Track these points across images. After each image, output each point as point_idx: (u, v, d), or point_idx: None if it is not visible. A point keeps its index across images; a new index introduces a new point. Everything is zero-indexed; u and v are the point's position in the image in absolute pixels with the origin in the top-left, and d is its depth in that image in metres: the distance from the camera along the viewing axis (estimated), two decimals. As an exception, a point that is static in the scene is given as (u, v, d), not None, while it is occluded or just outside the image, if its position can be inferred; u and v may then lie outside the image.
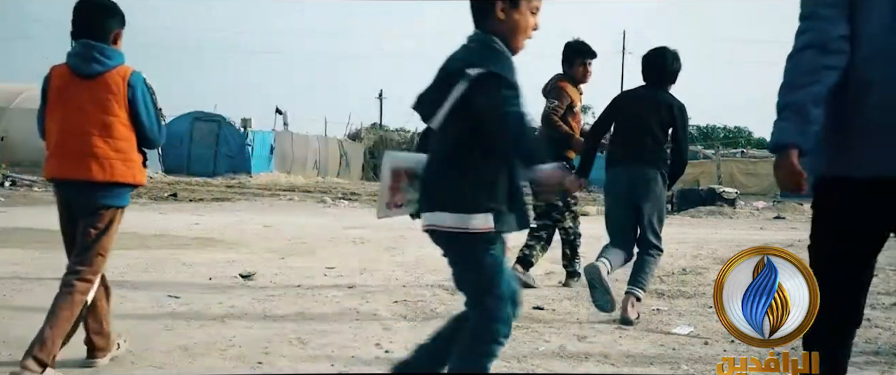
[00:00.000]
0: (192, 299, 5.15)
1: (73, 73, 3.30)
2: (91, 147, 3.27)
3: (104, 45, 3.30)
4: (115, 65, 3.31)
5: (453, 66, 2.60)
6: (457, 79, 2.55)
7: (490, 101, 2.50)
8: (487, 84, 2.52)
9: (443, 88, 2.59)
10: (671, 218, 15.86)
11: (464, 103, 2.55)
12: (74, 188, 3.38)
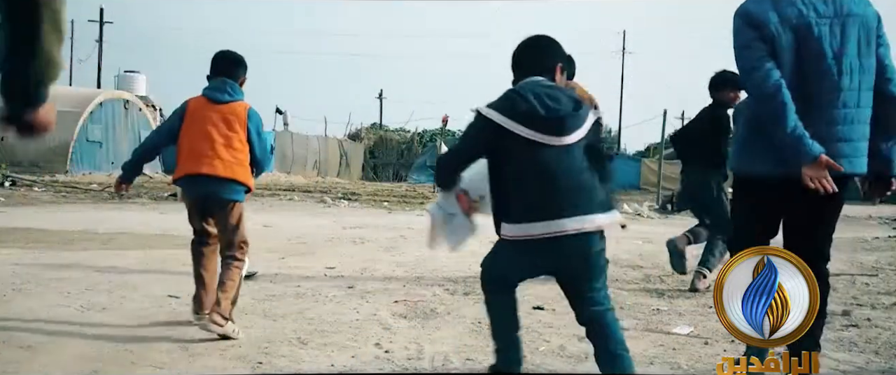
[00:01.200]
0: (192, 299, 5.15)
1: (208, 101, 4.33)
2: (217, 152, 4.24)
3: (234, 83, 4.40)
4: (238, 99, 4.38)
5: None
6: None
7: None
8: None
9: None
10: (671, 218, 15.85)
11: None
12: (203, 183, 4.25)
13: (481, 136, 3.01)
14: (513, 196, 2.97)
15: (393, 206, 17.26)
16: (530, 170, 2.93)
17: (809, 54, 3.07)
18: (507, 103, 2.99)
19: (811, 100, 3.06)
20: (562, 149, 2.94)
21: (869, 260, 8.18)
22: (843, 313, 5.08)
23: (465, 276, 6.53)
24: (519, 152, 2.94)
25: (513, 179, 2.96)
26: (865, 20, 3.12)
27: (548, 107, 2.95)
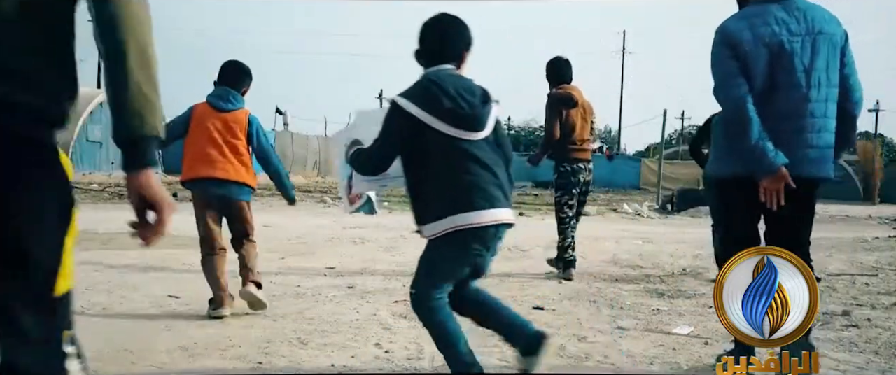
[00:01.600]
0: (192, 299, 5.15)
1: (211, 108, 4.78)
2: (227, 157, 4.72)
3: (236, 92, 4.86)
4: (239, 107, 4.83)
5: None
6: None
7: None
8: None
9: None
10: (671, 218, 15.85)
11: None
12: (217, 186, 4.71)
13: (403, 131, 2.98)
14: (438, 191, 2.98)
15: (393, 206, 17.27)
16: (455, 165, 2.96)
17: (781, 69, 3.34)
18: (428, 95, 2.98)
19: (782, 110, 3.35)
20: (477, 143, 3.00)
21: (869, 260, 8.18)
22: (843, 313, 5.08)
23: (465, 276, 6.54)
24: (439, 147, 2.95)
25: (436, 174, 2.98)
26: (833, 39, 3.41)
27: (468, 101, 2.99)
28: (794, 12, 3.41)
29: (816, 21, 3.41)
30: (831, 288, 6.13)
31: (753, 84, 3.35)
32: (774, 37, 3.36)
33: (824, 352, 4.01)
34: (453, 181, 2.97)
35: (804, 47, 3.37)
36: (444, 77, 3.03)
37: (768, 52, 3.35)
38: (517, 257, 8.18)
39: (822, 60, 3.37)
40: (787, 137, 3.34)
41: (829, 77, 3.40)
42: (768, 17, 3.39)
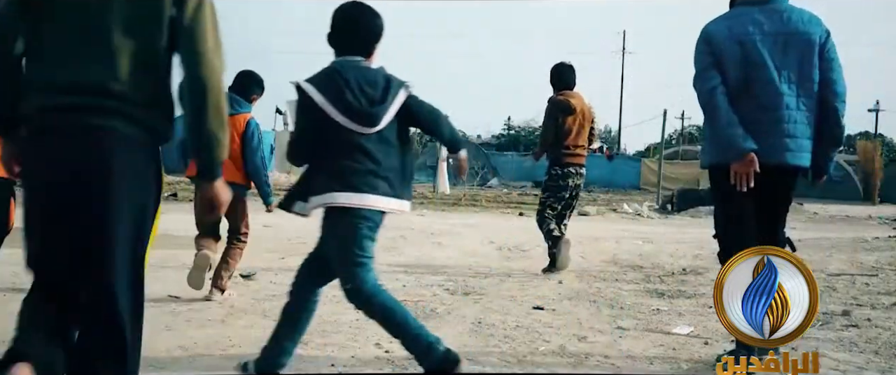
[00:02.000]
0: (192, 299, 5.15)
1: None
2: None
3: (242, 99, 5.31)
4: (241, 112, 5.24)
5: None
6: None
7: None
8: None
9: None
10: (671, 218, 15.85)
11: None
12: None
13: (308, 113, 3.16)
14: (323, 171, 3.20)
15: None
16: (343, 152, 3.15)
17: (755, 65, 3.65)
18: (330, 84, 3.15)
19: (759, 102, 3.65)
20: (369, 137, 3.17)
21: (869, 260, 8.18)
22: (843, 313, 5.08)
23: (466, 276, 6.53)
24: (332, 134, 3.15)
25: (324, 156, 3.18)
26: (810, 38, 3.67)
27: (367, 96, 3.17)
28: (772, 14, 3.69)
29: (793, 22, 3.68)
30: (831, 288, 6.13)
31: (728, 77, 3.67)
32: (748, 36, 3.66)
33: (824, 352, 4.01)
34: (338, 165, 3.16)
35: (776, 45, 3.65)
36: (348, 68, 3.19)
37: (741, 49, 3.65)
38: (517, 257, 8.19)
39: (793, 58, 3.65)
40: (765, 128, 3.63)
41: (802, 73, 3.66)
42: (746, 18, 3.70)
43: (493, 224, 12.82)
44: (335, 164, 3.17)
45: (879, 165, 29.14)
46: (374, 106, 3.16)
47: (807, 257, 7.56)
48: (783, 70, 3.65)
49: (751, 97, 3.65)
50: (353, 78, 3.16)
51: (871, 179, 28.57)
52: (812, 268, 3.34)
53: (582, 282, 6.37)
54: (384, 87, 3.20)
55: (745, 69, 3.66)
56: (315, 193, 3.20)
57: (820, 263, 7.71)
